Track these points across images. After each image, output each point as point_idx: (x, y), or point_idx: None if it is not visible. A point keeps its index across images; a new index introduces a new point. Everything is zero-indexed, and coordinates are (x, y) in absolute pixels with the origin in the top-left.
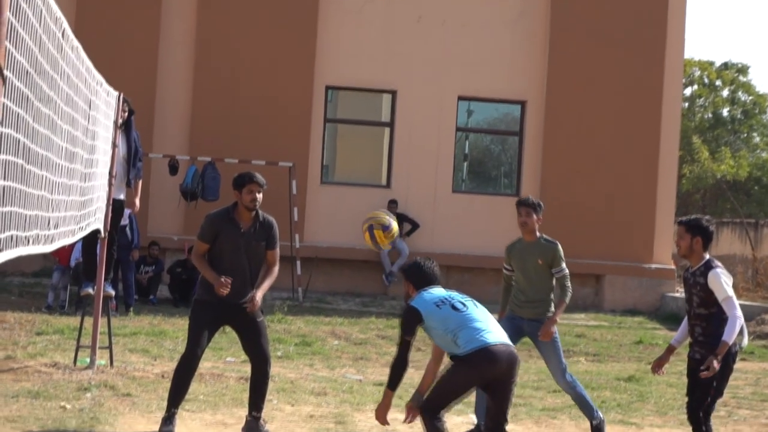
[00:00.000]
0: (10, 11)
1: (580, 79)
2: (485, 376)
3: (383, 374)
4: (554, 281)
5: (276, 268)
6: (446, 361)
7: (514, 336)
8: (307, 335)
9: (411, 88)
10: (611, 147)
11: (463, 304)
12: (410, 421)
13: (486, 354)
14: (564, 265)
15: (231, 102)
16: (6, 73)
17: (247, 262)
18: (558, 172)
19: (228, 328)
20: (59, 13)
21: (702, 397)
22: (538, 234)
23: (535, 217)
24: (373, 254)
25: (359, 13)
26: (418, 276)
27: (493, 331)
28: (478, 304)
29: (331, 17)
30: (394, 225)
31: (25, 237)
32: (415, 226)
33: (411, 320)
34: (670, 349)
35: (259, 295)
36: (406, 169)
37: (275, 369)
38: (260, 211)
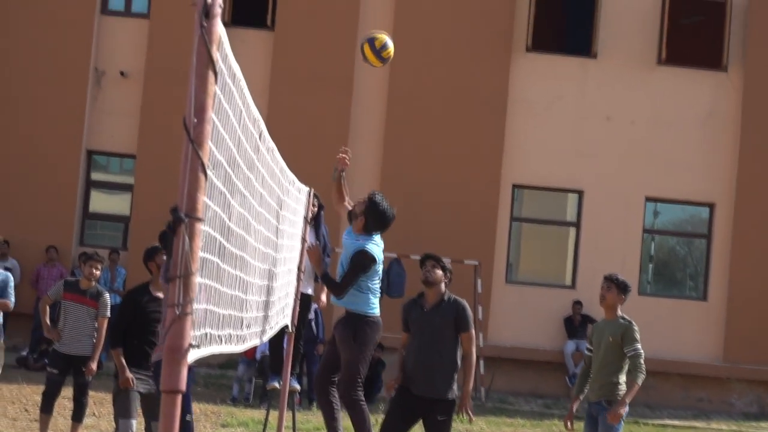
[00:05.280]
0: (212, 110)
1: None
2: None
3: None
4: (626, 363)
5: (472, 357)
6: None
7: (593, 427)
8: None
9: (598, 188)
10: None
11: None
12: None
13: None
14: (638, 345)
15: (417, 198)
16: (209, 172)
17: (435, 345)
18: (747, 276)
19: None
20: (257, 114)
21: None
22: (619, 313)
23: (615, 293)
24: (556, 355)
25: (547, 110)
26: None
27: None
28: None
29: (519, 114)
30: (390, 49)
31: (218, 336)
32: None
33: None
34: None
35: (466, 401)
36: (591, 269)
37: None
38: (449, 293)
